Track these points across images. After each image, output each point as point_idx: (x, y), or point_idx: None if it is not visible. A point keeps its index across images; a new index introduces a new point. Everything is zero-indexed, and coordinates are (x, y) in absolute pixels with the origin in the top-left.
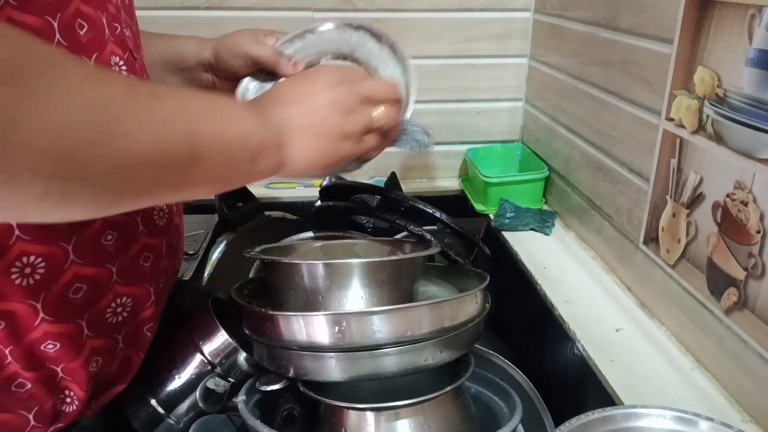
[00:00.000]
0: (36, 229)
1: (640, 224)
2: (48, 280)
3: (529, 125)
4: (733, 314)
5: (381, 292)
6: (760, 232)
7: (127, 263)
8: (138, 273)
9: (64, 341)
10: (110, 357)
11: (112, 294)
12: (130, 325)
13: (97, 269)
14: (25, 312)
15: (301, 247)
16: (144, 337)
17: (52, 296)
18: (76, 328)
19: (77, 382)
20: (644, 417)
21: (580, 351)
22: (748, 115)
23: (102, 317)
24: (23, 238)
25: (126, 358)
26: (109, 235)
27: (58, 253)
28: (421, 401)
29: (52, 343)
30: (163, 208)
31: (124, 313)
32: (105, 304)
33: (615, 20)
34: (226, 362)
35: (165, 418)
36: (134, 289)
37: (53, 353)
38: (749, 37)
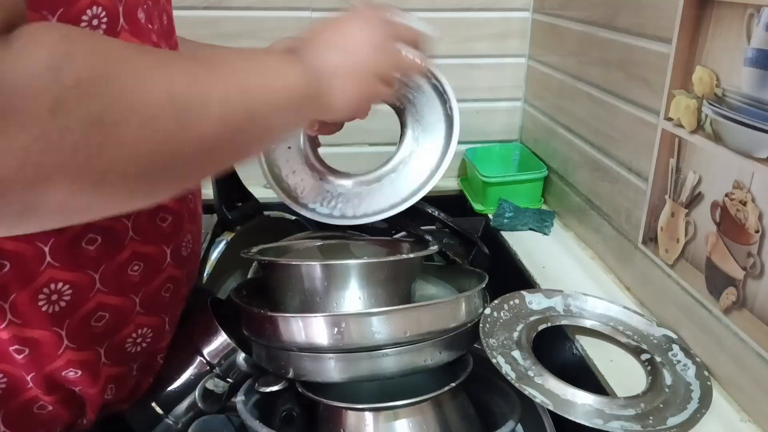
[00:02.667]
0: (66, 257)
1: (639, 224)
2: (73, 308)
3: (528, 125)
4: (731, 314)
5: (379, 293)
6: (759, 232)
7: (150, 294)
8: (159, 303)
9: (85, 369)
10: (124, 384)
11: (133, 324)
12: (146, 354)
13: (120, 299)
14: (50, 339)
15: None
16: (156, 364)
17: (75, 323)
18: (95, 356)
19: (91, 406)
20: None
21: (579, 351)
22: (747, 115)
23: (121, 346)
24: (54, 265)
25: (137, 384)
26: (136, 266)
27: (85, 281)
28: (420, 401)
29: (74, 371)
30: (190, 240)
31: (143, 343)
32: (126, 334)
33: (614, 20)
34: (225, 363)
35: (164, 419)
36: (154, 319)
37: (74, 379)
38: (748, 36)
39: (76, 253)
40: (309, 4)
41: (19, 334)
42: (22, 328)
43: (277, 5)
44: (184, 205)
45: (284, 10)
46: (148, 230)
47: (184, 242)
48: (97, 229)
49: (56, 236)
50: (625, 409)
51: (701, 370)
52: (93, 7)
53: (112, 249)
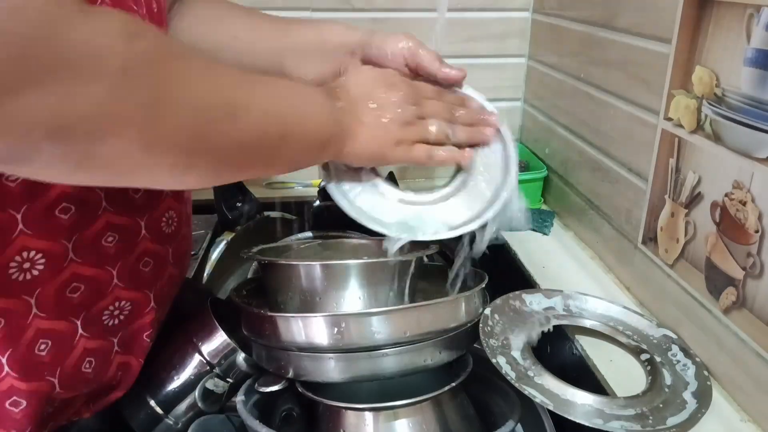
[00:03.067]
0: (39, 226)
1: (639, 224)
2: (46, 277)
3: (528, 125)
4: (731, 314)
5: (379, 293)
6: (759, 232)
7: (127, 267)
8: (138, 278)
9: (57, 339)
10: (105, 361)
11: (111, 297)
12: (127, 330)
13: (96, 270)
14: (20, 308)
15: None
16: (143, 343)
17: (49, 293)
18: (70, 326)
19: (65, 383)
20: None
21: (578, 350)
22: (747, 115)
23: (98, 319)
24: (26, 233)
25: (123, 363)
26: (110, 237)
27: (59, 251)
28: (420, 401)
29: (45, 342)
30: (173, 216)
31: (121, 316)
32: (103, 306)
33: (613, 20)
34: (225, 363)
35: (163, 419)
36: (133, 293)
37: (46, 356)
38: (747, 36)
39: (51, 221)
40: (309, 5)
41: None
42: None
43: (277, 5)
44: None
45: (284, 10)
46: (121, 200)
47: (164, 218)
48: (71, 198)
49: (29, 204)
50: (625, 409)
51: (701, 370)
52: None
53: (86, 218)
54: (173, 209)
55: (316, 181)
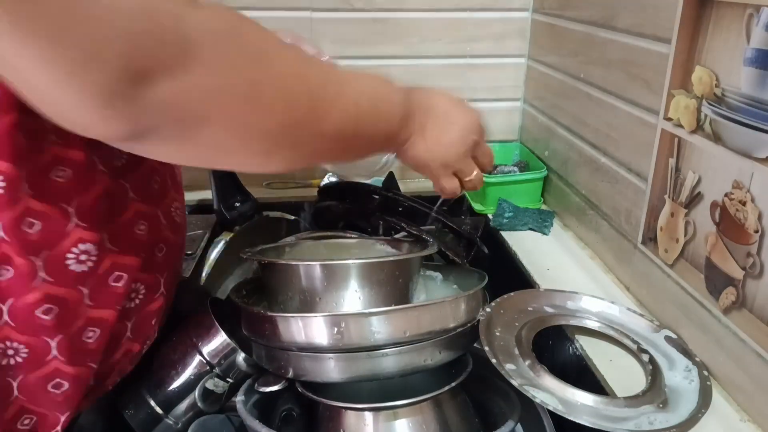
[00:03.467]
0: (89, 219)
1: (639, 224)
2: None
3: (528, 125)
4: (731, 314)
5: (379, 293)
6: (759, 232)
7: (147, 252)
8: (155, 263)
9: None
10: (116, 344)
11: (130, 278)
12: (139, 313)
13: (133, 258)
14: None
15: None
16: (150, 331)
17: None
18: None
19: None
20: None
21: (578, 350)
22: (746, 115)
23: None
24: (80, 225)
25: (129, 352)
26: (142, 225)
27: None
28: (420, 401)
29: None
30: (177, 207)
31: (137, 299)
32: (127, 289)
33: (613, 20)
34: (225, 362)
35: (163, 418)
36: (150, 276)
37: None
38: (747, 36)
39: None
40: (309, 5)
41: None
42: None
43: (278, 5)
44: (168, 169)
45: (284, 10)
46: (145, 190)
47: (172, 207)
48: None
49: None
50: (625, 408)
51: (701, 370)
52: None
53: (118, 208)
54: (176, 200)
55: (316, 181)
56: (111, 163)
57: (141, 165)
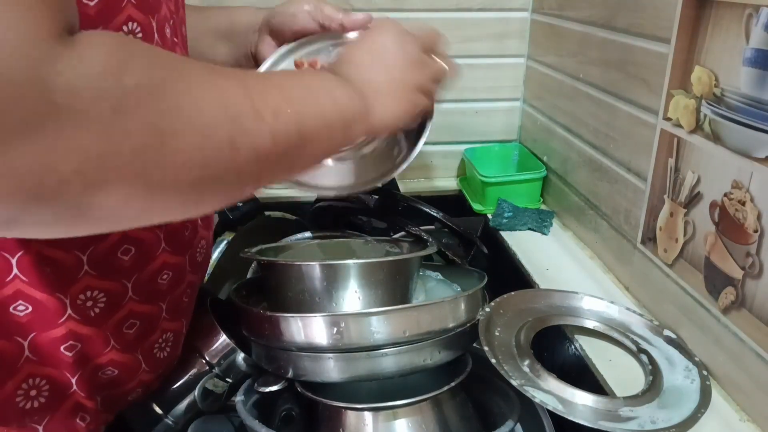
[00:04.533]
0: (102, 265)
1: (638, 224)
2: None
3: (527, 125)
4: (730, 313)
5: (378, 293)
6: (758, 232)
7: (175, 300)
8: (181, 308)
9: (122, 369)
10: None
11: (159, 330)
12: (169, 360)
13: (149, 306)
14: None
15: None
16: (169, 369)
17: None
18: (135, 360)
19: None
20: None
21: (578, 350)
22: (746, 115)
23: (150, 352)
24: (90, 273)
25: (150, 384)
26: (165, 275)
27: (119, 289)
28: (419, 401)
29: (111, 370)
30: (203, 245)
31: (167, 348)
32: (153, 340)
33: (612, 20)
34: (225, 363)
35: (163, 419)
36: (176, 324)
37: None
38: (746, 36)
39: (112, 261)
40: None
41: (74, 329)
42: (78, 324)
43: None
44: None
45: None
46: (175, 240)
47: (198, 248)
48: (132, 240)
49: (94, 246)
50: (624, 408)
51: (700, 370)
52: (129, 23)
53: (144, 259)
54: (204, 238)
55: None
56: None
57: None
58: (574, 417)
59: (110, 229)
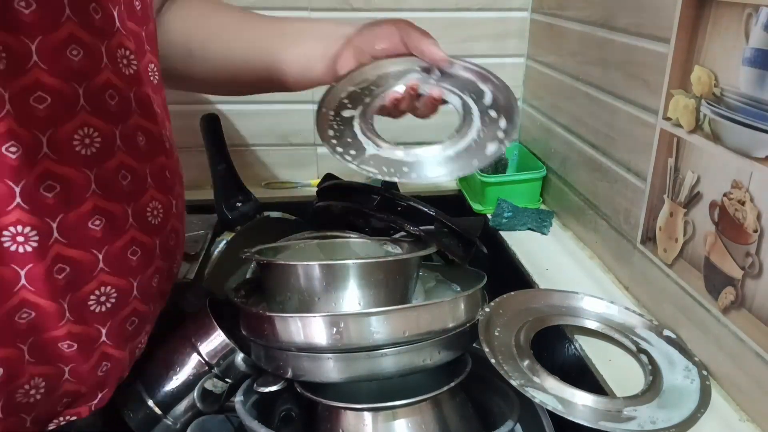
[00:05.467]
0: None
1: (638, 223)
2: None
3: (527, 125)
4: (730, 313)
5: (378, 293)
6: (758, 231)
7: (113, 253)
8: (125, 266)
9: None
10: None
11: (95, 281)
12: (114, 319)
13: (81, 252)
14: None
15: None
16: (125, 333)
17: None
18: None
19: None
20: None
21: (577, 350)
22: (745, 114)
23: (84, 303)
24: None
25: (105, 354)
26: (97, 221)
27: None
28: (419, 401)
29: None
30: (158, 207)
31: (107, 303)
32: (88, 290)
33: (612, 20)
34: (224, 363)
35: (162, 419)
36: (120, 281)
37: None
38: (746, 36)
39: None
40: (308, 4)
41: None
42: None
43: (276, 5)
44: (149, 165)
45: (283, 9)
46: (109, 186)
47: (149, 208)
48: (57, 178)
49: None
50: (624, 408)
51: (700, 370)
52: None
53: (73, 201)
54: (158, 200)
55: (315, 181)
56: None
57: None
58: (574, 417)
59: None
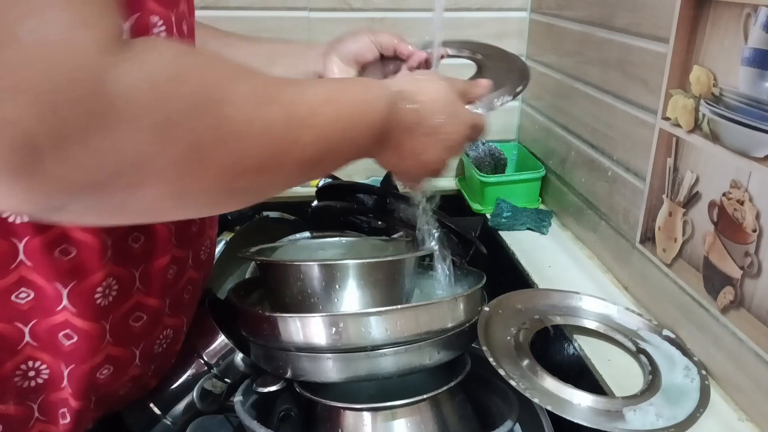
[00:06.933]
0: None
1: (637, 223)
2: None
3: (526, 125)
4: (729, 313)
5: (377, 293)
6: (756, 231)
7: (175, 295)
8: (181, 304)
9: (116, 365)
10: (139, 384)
11: (161, 325)
12: (165, 356)
13: (155, 300)
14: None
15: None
16: (168, 365)
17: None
18: (129, 354)
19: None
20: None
21: (576, 350)
22: (744, 114)
23: (151, 347)
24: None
25: (146, 384)
26: (171, 270)
27: (128, 277)
28: (418, 401)
29: (107, 368)
30: (208, 244)
31: (164, 343)
32: (156, 336)
33: (611, 19)
34: (223, 363)
35: (161, 419)
36: (177, 320)
37: (106, 378)
38: (745, 36)
39: (124, 249)
40: (307, 4)
41: (70, 321)
42: (74, 316)
43: (275, 5)
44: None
45: (282, 10)
46: (180, 235)
47: (203, 246)
48: (142, 230)
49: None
50: (623, 408)
51: (699, 370)
52: (151, 17)
53: (153, 250)
54: (209, 237)
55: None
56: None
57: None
58: (573, 417)
59: (145, 221)
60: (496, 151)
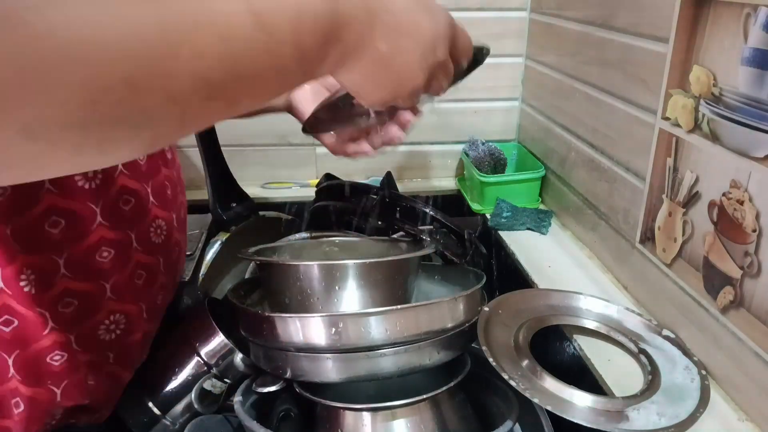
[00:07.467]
0: (28, 242)
1: (636, 223)
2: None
3: (525, 125)
4: (729, 313)
5: (377, 293)
6: (756, 231)
7: (122, 281)
8: (131, 290)
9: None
10: (99, 373)
11: (105, 311)
12: (122, 343)
13: (89, 284)
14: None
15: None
16: (135, 356)
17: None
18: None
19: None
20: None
21: (576, 350)
22: (744, 114)
23: (94, 333)
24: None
25: (112, 374)
26: (105, 252)
27: (50, 265)
28: (418, 401)
29: (60, 354)
30: (162, 225)
31: (117, 330)
32: (98, 320)
33: (611, 19)
34: (223, 363)
35: (161, 419)
36: (128, 306)
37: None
38: (745, 36)
39: (41, 237)
40: None
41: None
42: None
43: None
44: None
45: None
46: (113, 215)
47: (151, 228)
48: (62, 213)
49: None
50: (623, 408)
51: (699, 369)
52: None
53: (78, 233)
54: (162, 218)
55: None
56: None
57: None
58: (573, 417)
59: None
60: (495, 151)
